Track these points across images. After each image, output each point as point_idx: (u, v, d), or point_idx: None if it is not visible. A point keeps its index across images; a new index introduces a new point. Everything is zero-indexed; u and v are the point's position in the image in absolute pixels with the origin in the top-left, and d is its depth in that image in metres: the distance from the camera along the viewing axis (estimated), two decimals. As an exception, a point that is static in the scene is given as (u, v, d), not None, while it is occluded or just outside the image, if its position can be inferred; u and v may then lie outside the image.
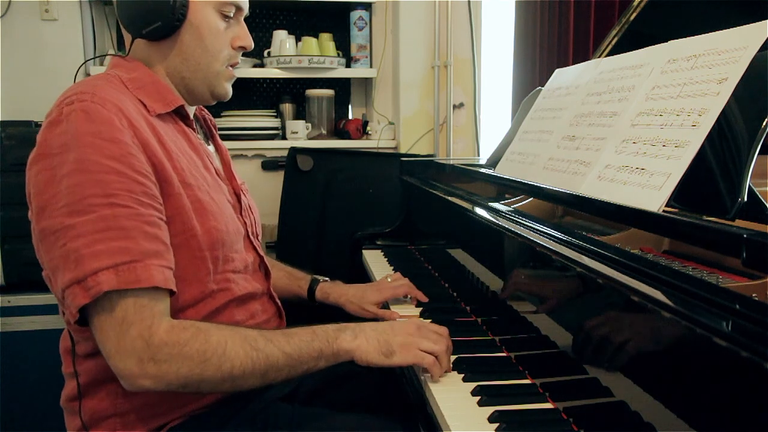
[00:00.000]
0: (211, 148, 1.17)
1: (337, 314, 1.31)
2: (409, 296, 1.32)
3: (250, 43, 1.10)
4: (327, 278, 1.38)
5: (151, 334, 0.85)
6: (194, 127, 1.11)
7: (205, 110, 1.25)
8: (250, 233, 1.14)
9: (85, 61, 1.54)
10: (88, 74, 2.42)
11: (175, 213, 0.95)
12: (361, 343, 0.94)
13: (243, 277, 1.08)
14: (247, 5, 1.11)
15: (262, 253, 1.17)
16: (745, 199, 0.72)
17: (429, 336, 0.96)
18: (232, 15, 1.07)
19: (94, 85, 0.94)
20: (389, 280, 1.35)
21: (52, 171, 0.87)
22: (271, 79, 2.72)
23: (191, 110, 1.12)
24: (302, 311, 1.26)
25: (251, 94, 2.74)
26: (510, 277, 1.12)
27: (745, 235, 0.60)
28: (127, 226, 0.86)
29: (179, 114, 1.07)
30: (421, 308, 1.28)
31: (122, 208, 0.86)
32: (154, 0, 0.99)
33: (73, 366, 0.98)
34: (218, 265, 1.02)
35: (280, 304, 1.20)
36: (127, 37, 1.07)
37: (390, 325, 0.99)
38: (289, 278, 1.37)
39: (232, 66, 1.11)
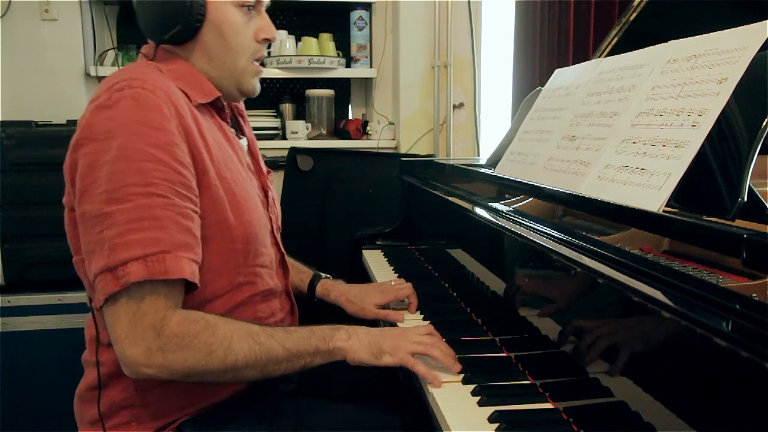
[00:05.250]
0: (243, 141, 1.17)
1: (334, 314, 1.31)
2: (405, 300, 1.32)
3: (273, 34, 1.10)
4: (329, 275, 1.38)
5: (163, 325, 0.87)
6: (228, 120, 1.12)
7: None
8: (274, 228, 1.15)
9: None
10: (88, 74, 2.42)
11: (211, 204, 0.97)
12: (354, 343, 0.98)
13: (268, 272, 1.10)
14: None
15: (282, 249, 1.18)
16: (745, 199, 0.72)
17: (414, 339, 1.00)
18: (252, 6, 1.06)
19: (142, 71, 0.96)
20: (392, 283, 1.35)
21: (95, 156, 0.88)
22: (271, 79, 2.72)
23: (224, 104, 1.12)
24: (301, 308, 1.26)
25: (251, 94, 2.74)
26: (510, 277, 1.12)
27: (745, 235, 0.60)
28: (162, 216, 0.87)
29: (215, 106, 1.08)
30: (420, 309, 1.28)
31: (159, 198, 0.88)
32: (171, 3, 0.99)
33: (96, 354, 0.99)
34: (249, 259, 1.04)
35: (294, 301, 1.21)
36: (151, 44, 1.07)
37: (380, 330, 1.03)
38: (292, 270, 1.37)
39: (257, 60, 1.10)
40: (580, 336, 0.84)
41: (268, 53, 2.57)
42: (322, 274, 1.37)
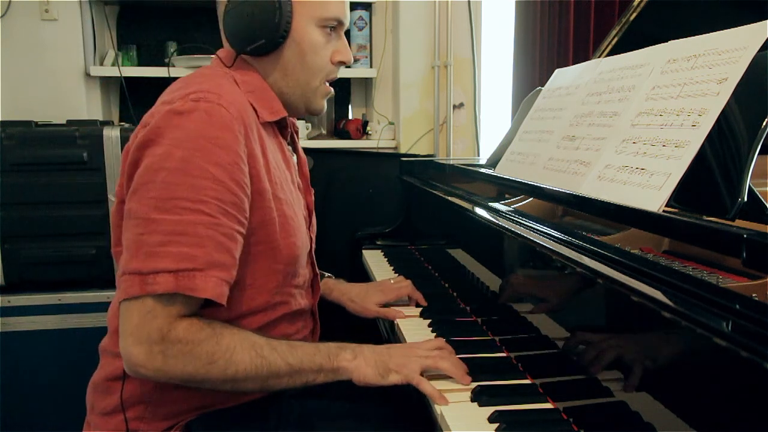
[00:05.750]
0: (294, 158, 1.18)
1: (337, 312, 1.31)
2: (408, 297, 1.32)
3: (349, 58, 1.10)
4: (331, 275, 1.38)
5: (170, 329, 0.87)
6: (288, 138, 1.13)
7: None
8: (312, 248, 1.16)
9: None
10: (88, 74, 2.42)
11: (262, 223, 0.97)
12: (360, 363, 0.96)
13: (300, 292, 1.11)
14: (348, 18, 1.09)
15: (317, 270, 1.19)
16: (745, 199, 0.72)
17: (422, 353, 0.98)
18: (334, 27, 1.06)
19: (219, 84, 0.96)
20: (392, 281, 1.35)
21: (158, 159, 0.89)
22: (271, 79, 2.72)
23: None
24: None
25: (251, 94, 2.74)
26: (510, 277, 1.12)
27: (745, 235, 0.60)
28: (204, 234, 0.88)
29: (278, 124, 1.08)
30: (421, 308, 1.28)
31: (206, 216, 0.88)
32: (261, 18, 0.99)
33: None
34: (288, 279, 1.04)
35: (318, 320, 1.21)
36: (230, 50, 1.07)
37: (387, 347, 1.01)
38: None
39: (329, 81, 1.10)
40: (580, 337, 0.84)
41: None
42: (324, 273, 1.37)
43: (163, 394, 0.99)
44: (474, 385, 0.91)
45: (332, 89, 1.12)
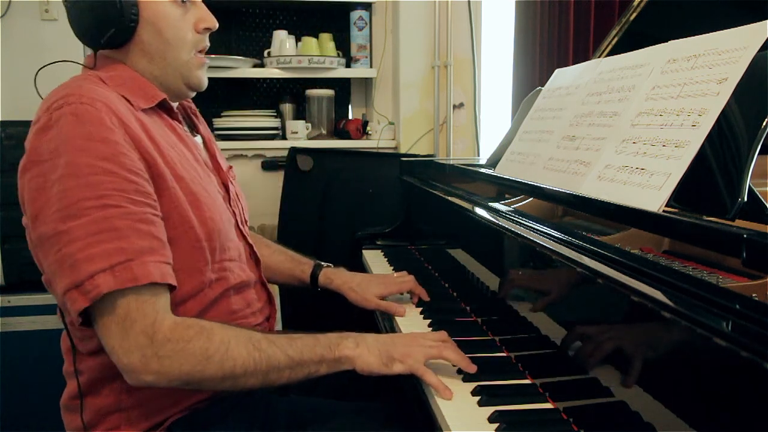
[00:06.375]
0: (198, 139, 1.16)
1: (338, 302, 1.31)
2: (410, 294, 1.32)
3: (213, 23, 1.07)
4: (330, 264, 1.38)
5: (155, 330, 0.86)
6: (180, 119, 1.11)
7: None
8: (239, 222, 1.14)
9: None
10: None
11: (171, 207, 0.95)
12: (363, 351, 0.94)
13: (238, 265, 1.09)
14: None
15: (251, 241, 1.17)
16: (745, 199, 0.72)
17: (426, 343, 0.97)
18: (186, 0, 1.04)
19: (78, 86, 0.94)
20: (395, 275, 1.34)
21: (43, 177, 0.87)
22: (271, 79, 2.72)
23: (174, 104, 1.10)
24: (305, 299, 1.25)
25: (251, 94, 2.74)
26: (510, 277, 1.12)
27: (745, 235, 0.60)
28: (120, 226, 0.86)
29: (163, 108, 1.06)
30: (421, 308, 1.28)
31: (114, 209, 0.86)
32: (102, 7, 0.97)
33: (74, 365, 0.98)
34: (215, 255, 1.02)
35: (270, 291, 1.20)
36: (91, 53, 1.06)
37: (390, 336, 1.00)
38: (291, 262, 1.37)
39: (201, 52, 1.07)
40: (580, 337, 0.84)
41: (268, 53, 2.57)
42: (323, 263, 1.37)
43: (135, 396, 0.97)
44: (474, 385, 0.91)
45: (206, 59, 1.09)
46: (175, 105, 1.11)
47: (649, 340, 0.69)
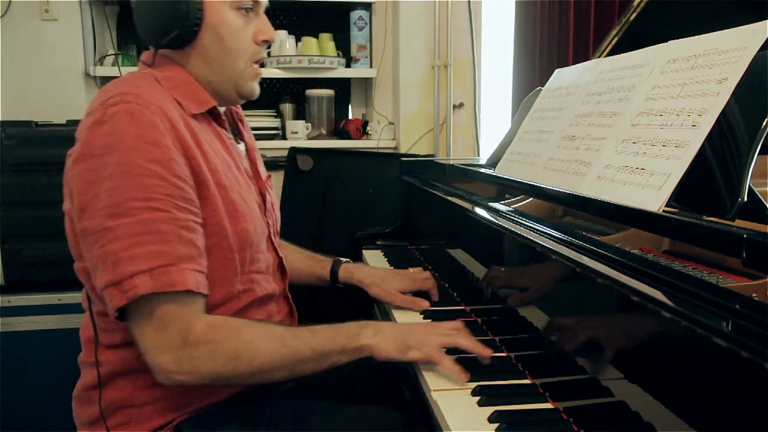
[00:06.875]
0: (241, 146, 1.17)
1: (354, 301, 1.31)
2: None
3: (272, 35, 1.09)
4: (349, 259, 1.39)
5: (188, 332, 0.89)
6: (226, 126, 1.12)
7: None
8: (272, 233, 1.16)
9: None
10: (88, 74, 2.42)
11: (210, 215, 0.97)
12: (381, 339, 0.98)
13: (265, 277, 1.11)
14: None
15: (281, 254, 1.19)
16: (745, 199, 0.72)
17: (441, 331, 0.99)
18: (250, 8, 1.05)
19: (136, 85, 0.95)
20: (411, 271, 1.35)
21: (95, 172, 0.89)
22: (271, 79, 2.72)
23: (222, 110, 1.12)
24: (323, 297, 1.26)
25: (251, 94, 2.74)
26: (510, 277, 1.12)
27: (745, 235, 0.60)
28: (164, 230, 0.88)
29: (211, 114, 1.08)
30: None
31: (160, 212, 0.88)
32: (168, 8, 0.99)
33: (95, 356, 0.99)
34: (245, 266, 1.04)
35: (293, 304, 1.22)
36: (151, 51, 1.06)
37: (407, 325, 1.04)
38: (309, 260, 1.39)
39: (256, 63, 1.09)
40: (580, 337, 0.84)
41: (268, 53, 2.57)
42: (342, 259, 1.39)
43: (143, 395, 0.99)
44: (474, 385, 0.91)
45: (261, 70, 1.11)
46: (222, 110, 1.12)
47: (649, 340, 0.69)
